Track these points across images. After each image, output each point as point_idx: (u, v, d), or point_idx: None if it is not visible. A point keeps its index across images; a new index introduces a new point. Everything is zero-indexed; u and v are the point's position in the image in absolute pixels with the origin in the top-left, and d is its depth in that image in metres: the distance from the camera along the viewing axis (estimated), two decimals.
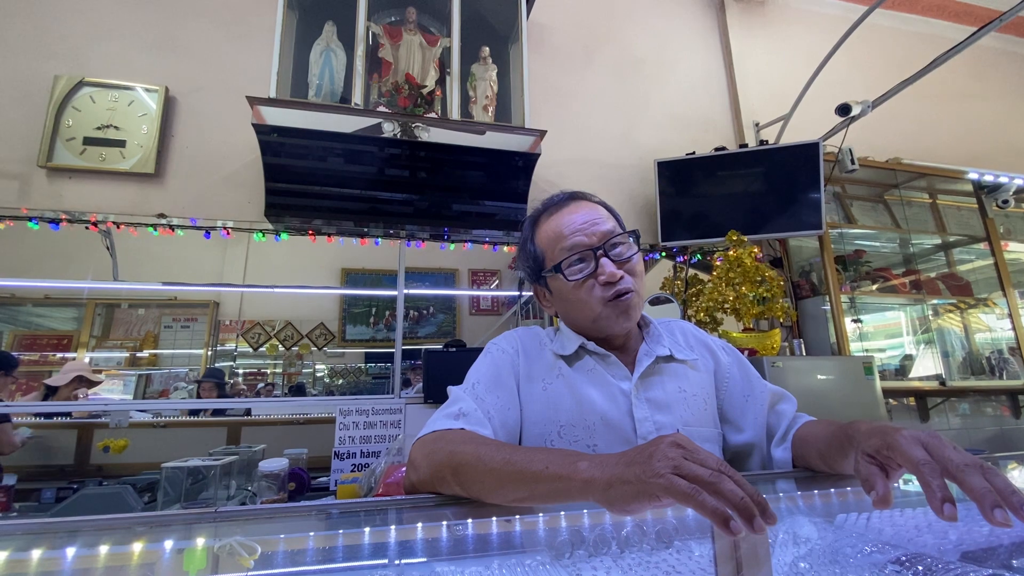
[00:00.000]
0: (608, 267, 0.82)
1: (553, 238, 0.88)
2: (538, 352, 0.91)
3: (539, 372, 0.87)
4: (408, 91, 2.33)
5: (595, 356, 0.88)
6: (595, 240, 0.84)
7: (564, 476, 0.54)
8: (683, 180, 2.83)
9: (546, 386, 0.85)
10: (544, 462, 0.57)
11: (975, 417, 3.08)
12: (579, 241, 0.84)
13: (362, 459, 2.12)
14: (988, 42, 3.88)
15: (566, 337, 0.91)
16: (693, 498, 0.44)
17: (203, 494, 1.81)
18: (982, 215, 3.30)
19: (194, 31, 2.53)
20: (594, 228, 0.85)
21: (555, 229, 0.88)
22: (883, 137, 3.27)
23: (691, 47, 3.37)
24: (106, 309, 3.07)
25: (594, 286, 0.83)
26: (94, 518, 0.44)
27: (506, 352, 0.90)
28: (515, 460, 0.59)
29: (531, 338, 0.93)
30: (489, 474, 0.61)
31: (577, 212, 0.88)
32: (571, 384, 0.84)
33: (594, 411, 0.81)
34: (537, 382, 0.86)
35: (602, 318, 0.84)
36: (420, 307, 3.28)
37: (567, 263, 0.84)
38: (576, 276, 0.84)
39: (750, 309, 2.24)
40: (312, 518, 0.52)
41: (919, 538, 0.70)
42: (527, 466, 0.58)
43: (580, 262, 0.85)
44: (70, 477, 2.15)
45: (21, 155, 2.21)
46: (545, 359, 0.89)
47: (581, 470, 0.53)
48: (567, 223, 0.87)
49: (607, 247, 0.83)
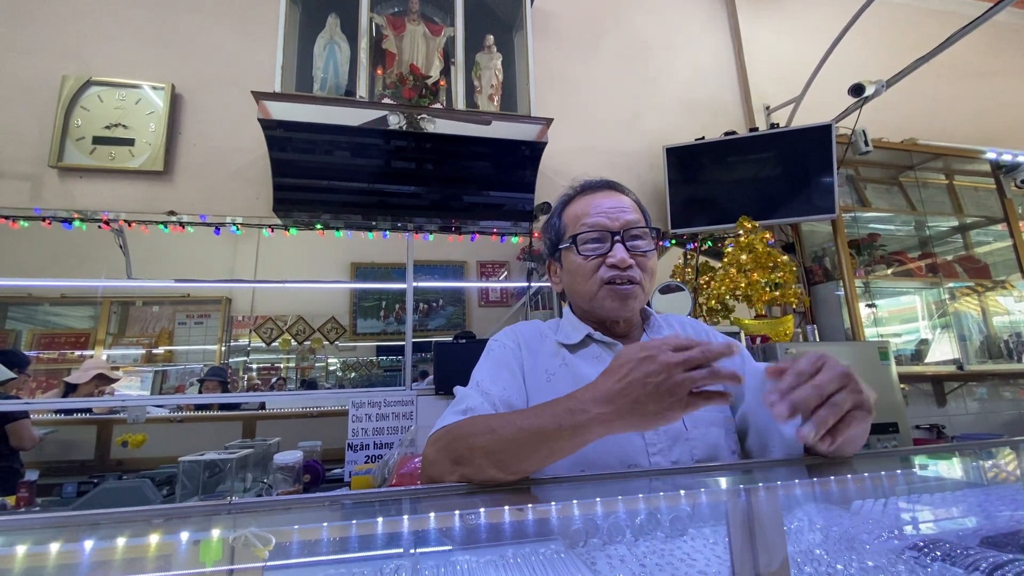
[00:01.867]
0: (620, 252, 0.84)
1: (578, 215, 0.90)
2: (539, 344, 0.91)
3: (543, 362, 0.88)
4: (413, 82, 2.32)
5: (601, 345, 0.89)
6: (616, 225, 0.86)
7: (577, 425, 0.60)
8: (692, 166, 2.79)
9: (550, 376, 0.86)
10: (551, 418, 0.61)
11: (993, 401, 3.04)
12: (600, 221, 0.87)
13: (375, 451, 2.14)
14: (1004, 18, 3.77)
15: (571, 326, 0.92)
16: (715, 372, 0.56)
17: (220, 487, 1.84)
18: (1000, 196, 3.23)
19: (198, 28, 2.53)
20: (619, 214, 0.87)
21: (583, 208, 0.90)
22: (898, 117, 3.19)
23: (699, 31, 3.31)
24: (121, 307, 3.11)
25: (601, 266, 0.85)
26: (111, 511, 0.45)
27: (507, 347, 0.90)
28: (528, 423, 0.63)
29: (531, 331, 0.94)
30: (508, 444, 0.62)
31: (608, 198, 0.90)
32: (574, 372, 0.85)
33: None
34: (541, 372, 0.86)
35: (599, 298, 0.86)
36: (430, 300, 3.29)
37: (583, 238, 0.87)
38: (588, 252, 0.86)
39: (762, 295, 2.22)
40: (326, 509, 0.52)
41: (937, 523, 0.69)
42: (540, 426, 0.61)
43: (596, 241, 0.86)
44: (91, 472, 2.20)
45: (32, 156, 2.24)
46: (547, 349, 0.90)
47: (592, 414, 0.59)
48: (595, 205, 0.89)
49: (625, 235, 0.86)
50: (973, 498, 0.77)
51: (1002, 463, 0.88)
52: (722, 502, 0.54)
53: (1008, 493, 0.77)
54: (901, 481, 0.77)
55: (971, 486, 0.83)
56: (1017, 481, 0.84)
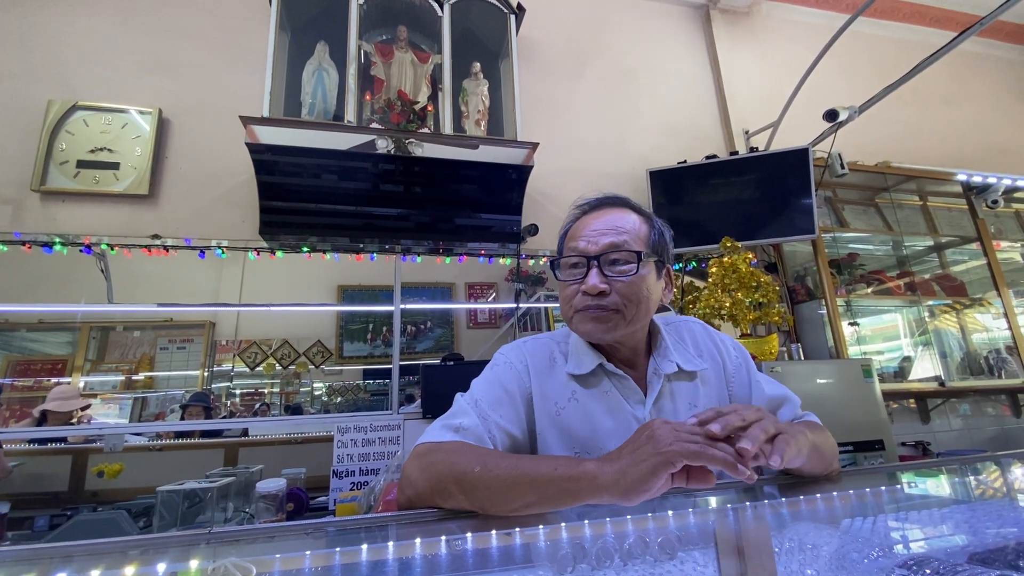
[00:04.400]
0: (591, 279, 0.81)
1: (569, 236, 0.90)
2: (549, 370, 0.88)
3: (551, 393, 0.85)
4: (401, 107, 2.35)
5: (613, 377, 0.86)
6: (594, 249, 0.83)
7: (574, 476, 0.59)
8: (676, 188, 2.85)
9: (559, 410, 0.83)
10: (552, 465, 0.62)
11: (976, 417, 3.08)
12: (579, 246, 0.85)
13: (361, 477, 2.09)
14: (969, 46, 3.94)
15: (583, 353, 0.88)
16: (703, 454, 0.53)
17: (200, 517, 1.78)
18: (972, 216, 3.33)
19: (187, 53, 2.56)
20: (600, 238, 0.84)
21: (576, 229, 0.90)
22: (871, 141, 3.31)
23: (679, 58, 3.41)
24: (101, 332, 3.04)
25: (577, 292, 0.84)
26: (86, 543, 0.43)
27: (514, 367, 0.87)
28: (522, 465, 0.63)
29: (541, 353, 0.91)
30: (497, 481, 0.62)
31: (600, 219, 0.88)
32: (586, 410, 0.83)
33: (609, 441, 0.80)
34: (550, 403, 0.84)
35: (574, 323, 0.85)
36: (417, 322, 3.27)
37: (564, 263, 0.87)
38: (566, 278, 0.86)
39: (747, 315, 2.25)
40: (308, 537, 0.51)
41: (926, 541, 0.69)
42: (535, 469, 0.62)
43: (575, 267, 0.85)
44: (64, 504, 2.11)
45: (14, 179, 2.21)
46: (557, 379, 0.87)
47: (590, 468, 0.59)
48: (585, 226, 0.88)
49: (603, 259, 0.83)
50: (960, 515, 0.77)
51: (987, 479, 0.89)
52: (710, 523, 0.54)
53: (994, 509, 0.78)
54: (889, 499, 0.77)
55: (957, 503, 0.83)
56: (1003, 497, 0.84)
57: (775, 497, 0.71)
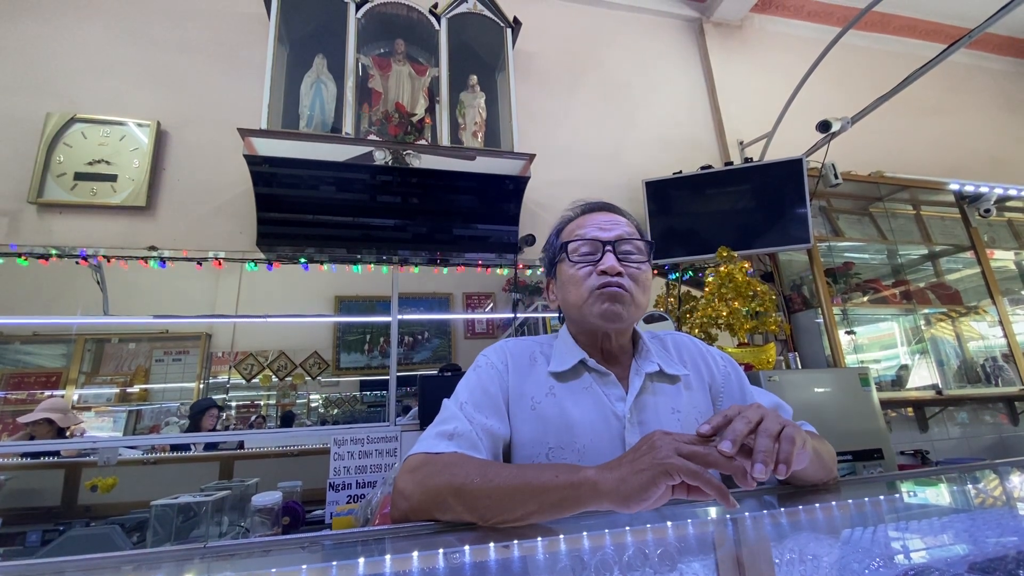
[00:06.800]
0: (609, 260, 0.84)
1: (573, 228, 0.93)
2: (528, 368, 0.89)
3: (529, 389, 0.86)
4: (398, 119, 2.37)
5: (594, 373, 0.87)
6: (609, 236, 0.88)
7: (575, 483, 0.59)
8: (671, 199, 2.86)
9: (535, 404, 0.84)
10: (552, 473, 0.62)
11: (974, 425, 3.08)
12: (592, 234, 0.89)
13: (358, 490, 2.07)
14: (959, 58, 4.01)
15: (566, 350, 0.89)
16: (700, 476, 0.53)
17: (194, 532, 1.76)
18: (966, 224, 3.36)
19: (186, 66, 2.57)
20: (612, 227, 0.89)
21: (579, 223, 0.93)
22: (865, 151, 3.34)
23: (674, 70, 3.46)
24: (96, 344, 3.02)
25: (591, 273, 0.86)
26: (79, 558, 0.43)
27: (494, 366, 0.89)
28: (523, 474, 0.63)
29: (521, 351, 0.92)
30: (498, 491, 0.62)
31: (604, 216, 0.93)
32: (561, 405, 0.83)
33: (585, 435, 0.80)
34: (526, 399, 0.85)
35: (588, 304, 0.85)
36: (415, 332, 3.26)
37: (575, 247, 0.89)
38: (579, 260, 0.88)
39: (743, 324, 2.25)
40: (304, 551, 0.50)
41: (926, 551, 0.69)
42: (536, 478, 0.62)
43: (588, 252, 0.88)
44: (57, 519, 2.08)
45: (11, 191, 2.21)
46: (537, 377, 0.88)
47: (591, 475, 0.59)
48: (591, 219, 0.92)
49: (617, 246, 0.87)
50: (960, 524, 0.77)
51: (987, 488, 0.89)
52: (709, 533, 0.54)
53: (993, 518, 0.77)
54: (889, 508, 0.77)
55: (957, 512, 0.83)
56: (1003, 506, 0.84)
57: (775, 507, 0.71)
